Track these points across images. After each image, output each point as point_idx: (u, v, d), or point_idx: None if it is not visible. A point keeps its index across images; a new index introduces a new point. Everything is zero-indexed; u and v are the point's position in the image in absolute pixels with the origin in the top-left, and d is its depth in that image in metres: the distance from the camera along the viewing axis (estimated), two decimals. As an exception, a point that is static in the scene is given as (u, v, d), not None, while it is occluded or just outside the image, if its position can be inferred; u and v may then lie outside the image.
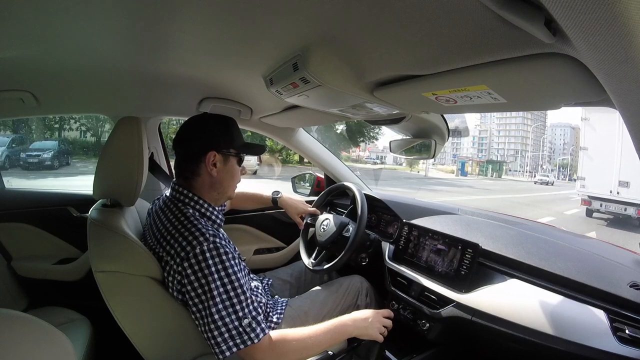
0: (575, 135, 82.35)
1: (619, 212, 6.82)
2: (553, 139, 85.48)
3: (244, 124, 1.47)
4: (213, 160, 0.83)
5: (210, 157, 0.83)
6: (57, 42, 0.75)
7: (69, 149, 12.95)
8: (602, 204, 7.04)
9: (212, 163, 0.84)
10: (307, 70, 0.63)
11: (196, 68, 0.92)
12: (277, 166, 13.47)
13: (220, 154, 0.84)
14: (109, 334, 0.90)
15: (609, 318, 0.68)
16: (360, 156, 36.48)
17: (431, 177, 15.50)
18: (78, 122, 14.52)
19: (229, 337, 0.68)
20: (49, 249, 1.37)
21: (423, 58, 0.54)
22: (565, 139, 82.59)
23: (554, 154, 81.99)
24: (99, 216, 0.82)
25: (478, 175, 38.07)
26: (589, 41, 0.32)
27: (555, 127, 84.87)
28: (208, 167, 0.83)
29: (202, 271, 0.70)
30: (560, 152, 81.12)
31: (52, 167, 10.39)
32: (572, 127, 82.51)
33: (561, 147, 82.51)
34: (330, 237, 1.19)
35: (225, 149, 0.85)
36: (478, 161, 49.13)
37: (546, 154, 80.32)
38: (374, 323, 0.85)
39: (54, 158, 10.77)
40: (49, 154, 10.63)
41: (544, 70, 0.44)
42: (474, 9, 0.37)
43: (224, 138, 0.86)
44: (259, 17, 0.55)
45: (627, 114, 0.45)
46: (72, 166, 11.61)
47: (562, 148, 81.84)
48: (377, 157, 44.22)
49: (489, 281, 0.88)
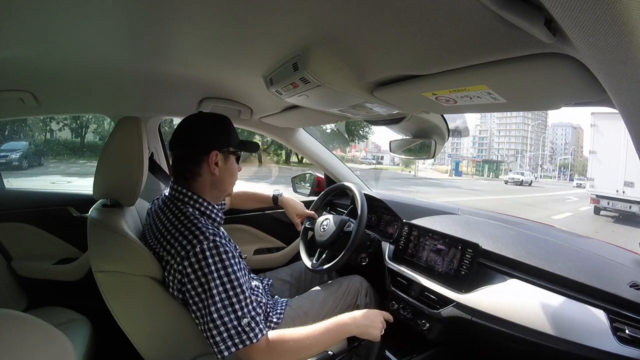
0: (576, 135, 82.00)
1: (625, 209, 7.53)
2: (554, 138, 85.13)
3: (244, 124, 1.47)
4: (215, 159, 0.84)
5: (213, 157, 0.83)
6: (57, 42, 0.75)
7: (43, 150, 12.81)
8: (609, 202, 7.75)
9: (214, 162, 0.84)
10: (307, 70, 0.63)
11: (196, 68, 0.92)
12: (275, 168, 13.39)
13: (221, 153, 0.85)
14: (109, 334, 0.90)
15: (609, 318, 0.68)
16: (355, 156, 35.58)
17: (421, 177, 15.08)
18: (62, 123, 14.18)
19: (227, 336, 0.68)
20: (49, 249, 1.37)
21: (423, 58, 0.54)
22: (566, 138, 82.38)
23: (555, 153, 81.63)
24: (99, 216, 0.82)
25: (473, 176, 36.85)
26: (589, 41, 0.32)
27: (557, 127, 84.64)
28: (211, 166, 0.83)
29: (201, 270, 0.70)
30: (561, 152, 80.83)
31: (20, 168, 10.14)
32: (573, 127, 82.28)
33: (562, 146, 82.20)
34: (331, 236, 1.18)
35: (225, 147, 0.86)
36: (474, 161, 47.41)
37: (547, 153, 79.93)
38: (375, 322, 0.85)
39: (23, 158, 10.49)
40: (17, 154, 10.35)
41: (544, 70, 0.44)
42: (474, 9, 0.37)
43: (223, 137, 0.86)
44: (259, 17, 0.55)
45: (627, 114, 0.45)
46: (45, 167, 11.52)
47: (563, 148, 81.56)
48: (374, 157, 43.57)
49: (489, 281, 0.88)
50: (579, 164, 68.49)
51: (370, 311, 0.88)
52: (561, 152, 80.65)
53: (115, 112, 1.36)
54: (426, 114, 0.96)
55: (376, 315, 0.86)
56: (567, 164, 64.27)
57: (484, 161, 47.53)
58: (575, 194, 15.76)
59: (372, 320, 0.85)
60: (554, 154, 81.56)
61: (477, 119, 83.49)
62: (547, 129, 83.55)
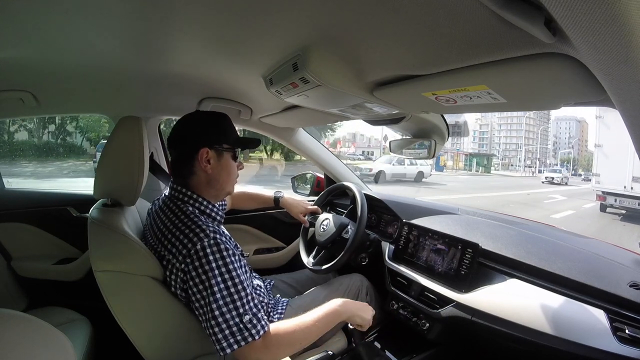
0: (581, 128, 79.30)
1: (632, 206, 6.96)
2: (558, 132, 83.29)
3: (244, 124, 1.48)
4: (206, 156, 0.83)
5: (203, 154, 0.82)
6: (57, 42, 0.75)
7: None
8: (617, 199, 7.17)
9: (206, 160, 0.83)
10: (307, 70, 0.63)
11: (196, 68, 0.92)
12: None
13: (213, 150, 0.84)
14: (109, 334, 0.90)
15: (609, 318, 0.68)
16: (342, 152, 32.04)
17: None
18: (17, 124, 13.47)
19: (229, 333, 0.68)
20: (49, 249, 1.37)
21: (423, 58, 0.54)
22: (570, 132, 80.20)
23: (559, 147, 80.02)
24: (99, 216, 0.82)
25: (457, 171, 32.25)
26: (589, 41, 0.32)
27: (561, 121, 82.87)
28: (202, 164, 0.82)
29: (202, 267, 0.70)
30: (565, 146, 79.24)
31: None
32: (577, 121, 79.68)
33: (566, 140, 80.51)
34: (330, 237, 1.19)
35: (217, 144, 0.84)
36: (458, 154, 41.79)
37: (550, 147, 78.45)
38: (365, 306, 0.87)
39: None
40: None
41: (543, 70, 0.44)
42: (474, 9, 0.37)
43: (214, 134, 0.85)
44: (259, 17, 0.55)
45: (627, 113, 0.45)
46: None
47: (567, 142, 79.91)
48: (363, 153, 41.05)
49: (488, 281, 0.88)
50: (583, 158, 66.36)
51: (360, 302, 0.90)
52: (565, 146, 79.10)
53: (115, 112, 1.36)
54: (426, 114, 0.96)
55: (366, 304, 0.89)
56: (570, 159, 62.26)
57: (473, 155, 42.51)
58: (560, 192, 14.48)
59: (362, 305, 0.87)
60: (557, 148, 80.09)
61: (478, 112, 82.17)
62: (550, 122, 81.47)
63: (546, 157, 75.31)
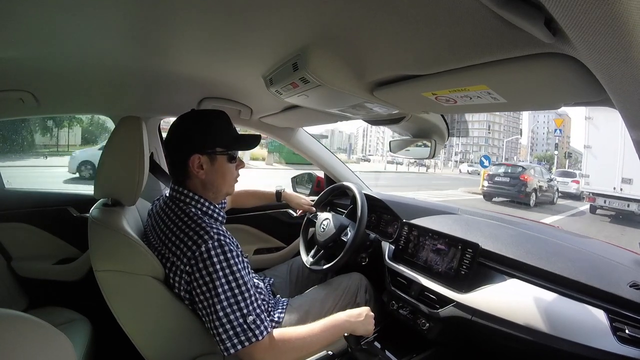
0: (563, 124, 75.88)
1: (622, 208, 6.99)
2: (536, 127, 75.58)
3: (244, 124, 1.48)
4: (198, 162, 0.81)
5: (195, 160, 0.81)
6: (57, 42, 0.75)
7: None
8: (606, 200, 7.20)
9: (198, 166, 0.81)
10: (307, 70, 0.63)
11: (196, 68, 0.92)
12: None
13: (205, 155, 0.81)
14: (109, 334, 0.90)
15: (609, 318, 0.68)
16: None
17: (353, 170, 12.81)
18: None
19: (233, 334, 0.69)
20: (49, 249, 1.37)
21: (423, 58, 0.54)
22: (549, 127, 68.67)
23: (536, 144, 74.03)
24: (100, 215, 0.82)
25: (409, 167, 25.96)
26: (589, 41, 0.32)
27: (538, 114, 67.77)
28: (194, 170, 0.81)
29: (206, 269, 0.70)
30: (543, 142, 73.27)
31: None
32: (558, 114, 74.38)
33: (545, 137, 72.90)
34: (329, 238, 1.20)
35: (209, 149, 0.82)
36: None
37: (526, 144, 71.18)
38: (368, 319, 0.88)
39: None
40: None
41: (543, 70, 0.44)
42: (473, 9, 0.37)
43: (206, 138, 0.82)
44: (259, 17, 0.55)
45: (627, 114, 0.45)
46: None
47: (545, 138, 72.44)
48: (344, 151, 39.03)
49: (488, 281, 0.88)
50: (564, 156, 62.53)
51: (363, 309, 0.90)
52: (543, 142, 73.49)
53: (116, 112, 1.36)
54: (426, 114, 0.96)
55: (368, 313, 0.89)
56: (550, 156, 54.45)
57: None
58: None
59: (365, 317, 0.87)
60: (534, 144, 73.90)
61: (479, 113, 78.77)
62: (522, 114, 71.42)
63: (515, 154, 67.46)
